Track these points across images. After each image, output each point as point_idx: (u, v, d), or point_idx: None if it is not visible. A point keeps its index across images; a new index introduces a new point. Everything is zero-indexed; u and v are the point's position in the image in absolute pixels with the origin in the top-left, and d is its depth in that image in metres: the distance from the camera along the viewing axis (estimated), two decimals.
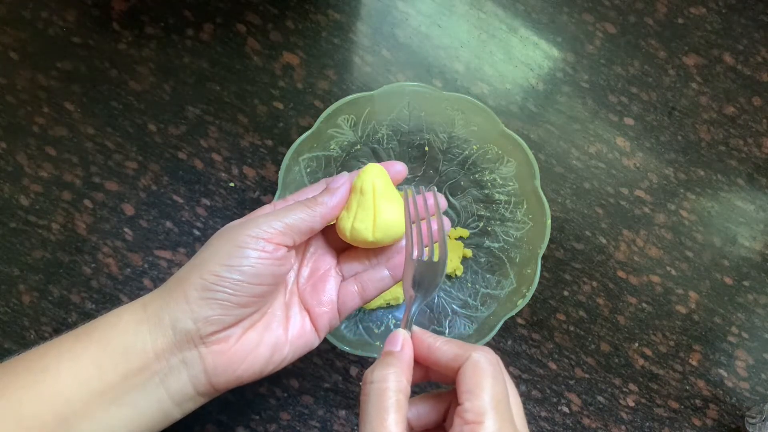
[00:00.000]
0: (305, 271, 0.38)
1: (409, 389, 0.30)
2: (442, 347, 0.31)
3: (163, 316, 0.32)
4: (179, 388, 0.33)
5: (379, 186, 0.36)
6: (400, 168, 0.38)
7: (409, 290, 0.34)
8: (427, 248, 0.35)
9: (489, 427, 0.27)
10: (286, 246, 0.34)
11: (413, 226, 0.36)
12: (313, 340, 0.37)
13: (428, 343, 0.31)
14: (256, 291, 0.33)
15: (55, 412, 0.30)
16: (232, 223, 0.35)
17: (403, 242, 0.38)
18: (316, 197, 0.36)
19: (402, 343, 0.31)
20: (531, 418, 0.52)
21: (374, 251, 0.38)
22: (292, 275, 0.37)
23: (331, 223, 0.37)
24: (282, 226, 0.33)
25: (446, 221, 0.38)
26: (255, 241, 0.33)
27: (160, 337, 0.32)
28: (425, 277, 0.34)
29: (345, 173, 0.37)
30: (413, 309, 0.34)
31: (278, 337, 0.35)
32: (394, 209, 0.36)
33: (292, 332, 0.36)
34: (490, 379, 0.28)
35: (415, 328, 0.33)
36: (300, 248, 0.38)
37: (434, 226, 0.37)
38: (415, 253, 0.35)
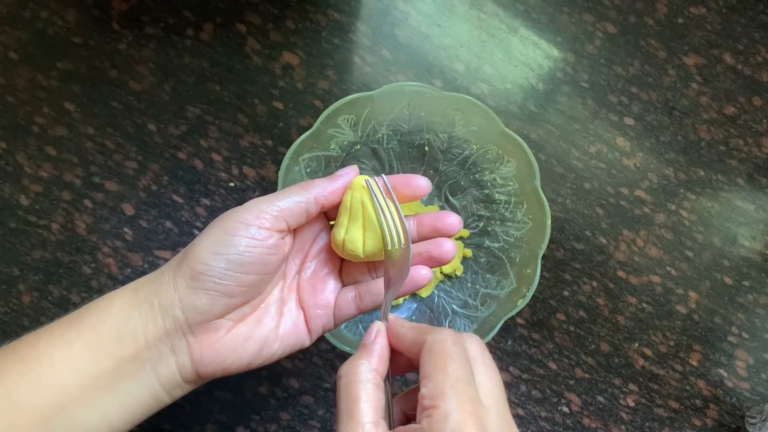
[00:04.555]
0: (309, 268, 0.37)
1: (380, 379, 0.29)
2: (406, 333, 0.30)
3: (154, 302, 0.32)
4: (169, 376, 0.32)
5: (368, 200, 0.34)
6: (424, 183, 0.35)
7: (386, 281, 0.34)
8: (395, 235, 0.34)
9: (444, 410, 0.25)
10: (279, 231, 0.33)
11: (382, 215, 0.34)
12: (304, 340, 0.36)
13: (396, 330, 0.31)
14: (243, 280, 0.32)
15: (51, 399, 0.30)
16: (234, 208, 0.34)
17: None
18: (314, 179, 0.35)
19: (375, 334, 0.31)
20: (531, 418, 0.52)
21: (374, 264, 0.38)
22: (293, 269, 0.37)
23: (328, 206, 0.35)
24: (275, 209, 0.32)
25: (455, 217, 0.36)
26: (245, 228, 0.31)
27: (151, 325, 0.32)
28: (395, 264, 0.34)
29: (354, 166, 0.36)
30: (387, 299, 0.33)
31: (269, 332, 0.34)
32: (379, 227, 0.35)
33: (284, 329, 0.35)
34: (447, 360, 0.27)
35: (390, 317, 0.32)
36: (307, 243, 0.37)
37: (395, 214, 0.35)
38: (388, 243, 0.34)
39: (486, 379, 0.28)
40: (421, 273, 0.35)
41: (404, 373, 0.33)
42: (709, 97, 0.56)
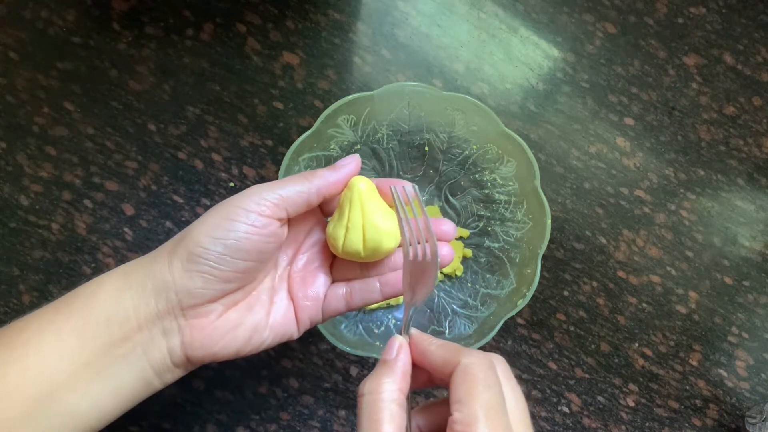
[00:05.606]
0: (301, 260, 0.37)
1: (403, 398, 0.29)
2: (436, 351, 0.30)
3: (147, 284, 0.32)
4: (160, 360, 0.32)
5: (368, 199, 0.34)
6: (409, 189, 0.35)
7: (407, 292, 0.33)
8: (420, 246, 0.34)
9: None
10: (279, 219, 0.33)
11: (405, 225, 0.34)
12: (293, 331, 0.36)
13: (423, 347, 0.30)
14: (239, 266, 0.32)
15: (40, 385, 0.30)
16: (235, 194, 0.34)
17: (396, 259, 0.37)
18: (316, 170, 0.35)
19: (397, 349, 0.30)
20: (531, 418, 0.52)
21: (367, 264, 0.37)
22: (285, 260, 0.37)
23: (330, 197, 0.35)
24: (275, 198, 0.32)
25: (450, 224, 0.37)
26: (245, 214, 0.31)
27: (143, 306, 0.31)
28: (420, 278, 0.33)
29: (356, 155, 0.36)
30: (410, 312, 0.33)
31: (259, 320, 0.34)
32: (384, 222, 0.35)
33: (274, 318, 0.35)
34: (481, 386, 0.27)
35: (413, 331, 0.32)
36: (300, 236, 0.37)
37: (421, 224, 0.34)
38: (411, 253, 0.33)
39: (514, 405, 0.28)
40: (443, 253, 0.35)
41: (423, 388, 0.32)
42: (709, 97, 0.56)
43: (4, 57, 0.51)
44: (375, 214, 0.34)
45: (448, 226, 0.36)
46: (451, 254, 0.36)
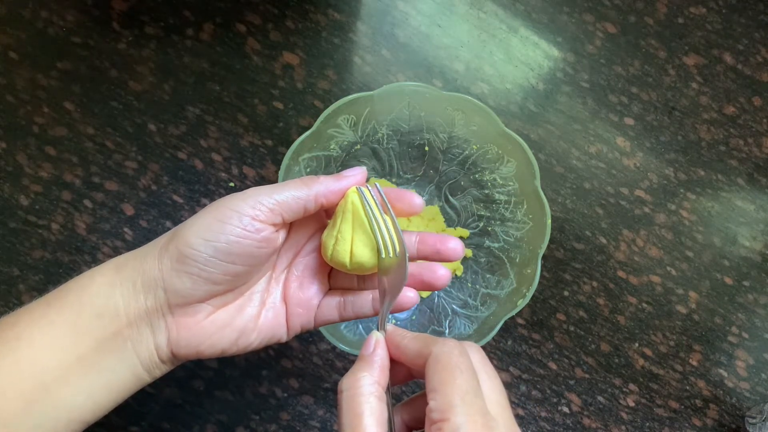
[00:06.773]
0: (299, 266, 0.36)
1: (382, 392, 0.29)
2: (409, 344, 0.30)
3: (137, 281, 0.32)
4: (147, 356, 0.32)
5: (360, 212, 0.33)
6: (418, 201, 0.35)
7: (382, 289, 0.34)
8: (390, 244, 0.33)
9: (454, 423, 0.25)
10: (273, 224, 0.32)
11: (375, 223, 0.34)
12: (281, 335, 0.36)
13: (397, 341, 0.31)
14: (229, 269, 0.32)
15: (34, 380, 0.30)
16: (231, 194, 0.33)
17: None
18: (319, 176, 0.34)
19: (374, 345, 0.31)
20: (531, 418, 0.52)
21: (364, 276, 0.37)
22: (284, 263, 0.36)
23: (329, 205, 0.35)
24: (272, 202, 0.32)
25: (458, 243, 0.35)
26: (238, 217, 0.31)
27: (133, 303, 0.31)
28: (391, 274, 0.33)
29: (363, 167, 0.35)
30: (384, 308, 0.33)
31: (248, 322, 0.34)
32: (370, 240, 0.34)
33: (264, 320, 0.35)
34: (454, 372, 0.27)
35: (388, 326, 0.32)
36: (302, 239, 0.36)
37: (389, 222, 0.34)
38: (383, 251, 0.33)
39: (490, 389, 0.28)
40: (407, 295, 0.35)
41: (403, 383, 0.33)
42: (709, 97, 0.56)
43: (4, 57, 0.51)
44: (366, 228, 0.33)
45: (455, 244, 0.35)
46: (447, 277, 0.35)
